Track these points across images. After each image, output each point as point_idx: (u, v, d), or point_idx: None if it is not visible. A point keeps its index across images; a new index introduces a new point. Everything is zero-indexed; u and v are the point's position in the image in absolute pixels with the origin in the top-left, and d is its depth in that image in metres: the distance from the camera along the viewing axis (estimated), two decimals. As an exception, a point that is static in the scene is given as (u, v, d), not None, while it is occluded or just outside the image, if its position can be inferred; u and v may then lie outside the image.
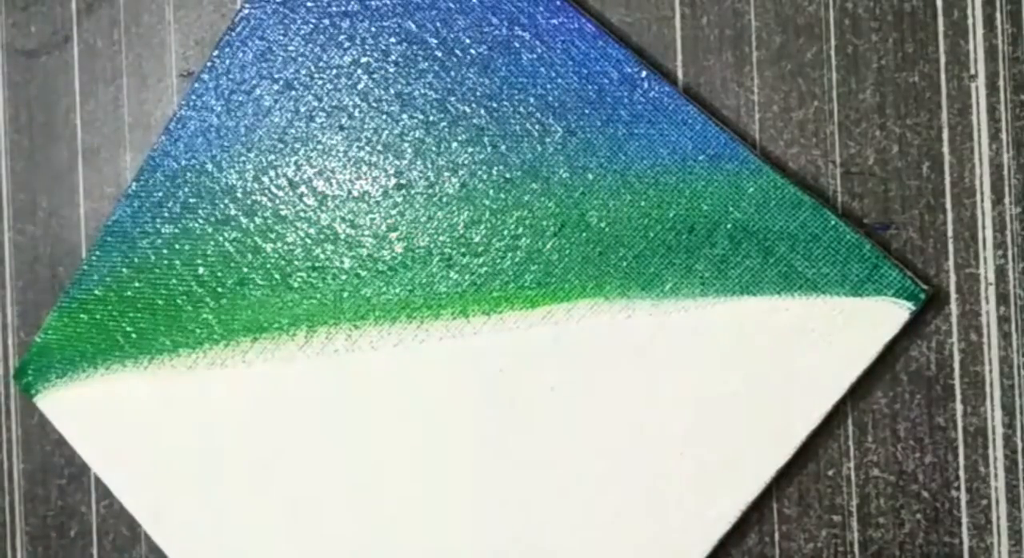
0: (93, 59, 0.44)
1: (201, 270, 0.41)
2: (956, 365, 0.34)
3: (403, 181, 0.38)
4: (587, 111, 0.36)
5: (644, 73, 0.36)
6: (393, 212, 0.38)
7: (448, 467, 0.38)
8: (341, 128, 0.39)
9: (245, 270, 0.40)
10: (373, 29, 0.39)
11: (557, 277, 0.36)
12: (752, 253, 0.35)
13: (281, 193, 0.40)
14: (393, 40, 0.38)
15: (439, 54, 0.38)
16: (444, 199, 0.38)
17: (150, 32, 0.43)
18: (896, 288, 0.33)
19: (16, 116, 0.45)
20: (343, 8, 0.39)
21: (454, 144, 0.38)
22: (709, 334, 0.35)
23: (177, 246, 0.41)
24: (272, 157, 0.40)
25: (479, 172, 0.37)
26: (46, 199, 0.45)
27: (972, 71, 0.34)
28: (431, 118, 0.38)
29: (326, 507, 0.39)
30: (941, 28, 0.34)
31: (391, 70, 0.38)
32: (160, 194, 0.41)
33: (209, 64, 0.40)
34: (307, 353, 0.39)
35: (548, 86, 0.37)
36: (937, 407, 0.34)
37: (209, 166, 0.40)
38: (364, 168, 0.39)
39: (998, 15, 0.34)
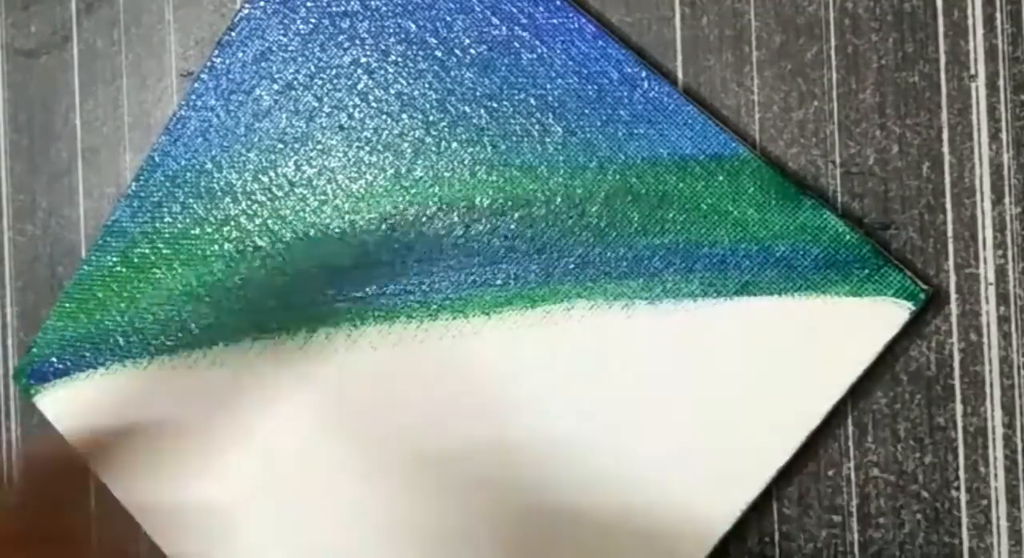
0: (93, 59, 0.44)
1: (201, 270, 0.41)
2: (956, 365, 0.34)
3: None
4: (587, 111, 0.36)
5: (644, 73, 0.36)
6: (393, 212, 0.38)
7: (448, 467, 0.38)
8: (341, 128, 0.39)
9: (245, 270, 0.40)
10: (373, 29, 0.38)
11: (556, 277, 0.36)
12: (752, 253, 0.35)
13: (281, 193, 0.40)
14: (393, 40, 0.38)
15: (439, 54, 0.38)
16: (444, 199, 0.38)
17: (150, 32, 0.43)
18: (896, 288, 0.33)
19: (16, 116, 0.45)
20: (343, 8, 0.39)
21: (454, 144, 0.38)
22: (709, 334, 0.35)
23: (177, 246, 0.41)
24: (272, 157, 0.40)
25: (479, 172, 0.37)
26: (46, 199, 0.45)
27: (972, 71, 0.34)
28: (431, 118, 0.38)
29: (325, 507, 0.39)
30: (941, 28, 0.34)
31: (391, 70, 0.38)
32: (160, 194, 0.41)
33: (209, 64, 0.40)
34: (307, 353, 0.39)
35: (548, 86, 0.37)
36: (937, 407, 0.34)
37: (209, 166, 0.40)
38: (364, 168, 0.39)
39: (998, 15, 0.34)
